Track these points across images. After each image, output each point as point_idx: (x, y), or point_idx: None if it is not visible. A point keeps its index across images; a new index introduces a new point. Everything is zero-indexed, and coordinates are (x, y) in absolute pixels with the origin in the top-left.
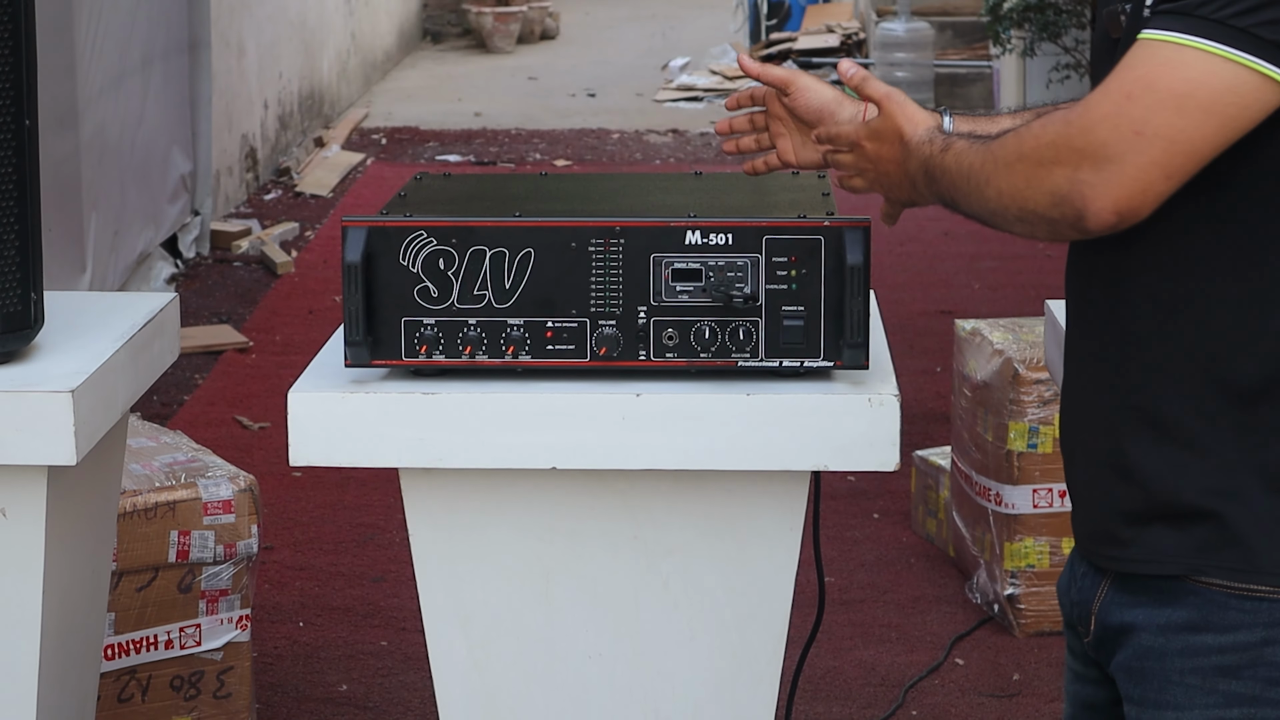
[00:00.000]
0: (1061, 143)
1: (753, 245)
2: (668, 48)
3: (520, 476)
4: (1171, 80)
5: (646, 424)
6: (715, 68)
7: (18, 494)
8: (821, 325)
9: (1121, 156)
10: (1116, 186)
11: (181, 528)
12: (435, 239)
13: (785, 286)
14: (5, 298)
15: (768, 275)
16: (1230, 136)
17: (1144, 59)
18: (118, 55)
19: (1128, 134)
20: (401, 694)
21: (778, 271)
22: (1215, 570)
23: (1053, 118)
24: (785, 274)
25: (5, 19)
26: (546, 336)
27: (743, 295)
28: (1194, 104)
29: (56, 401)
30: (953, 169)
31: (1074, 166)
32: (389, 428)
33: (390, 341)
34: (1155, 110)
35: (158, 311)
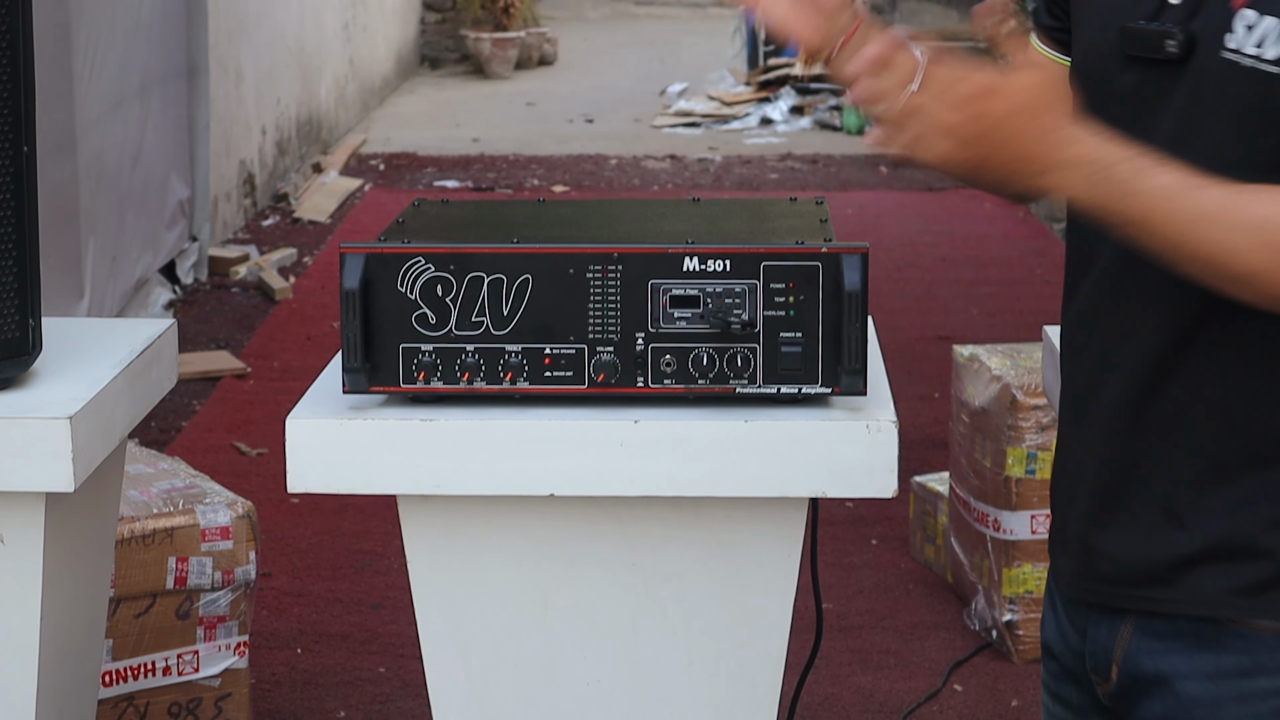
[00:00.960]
0: None
1: (750, 271)
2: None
3: (518, 503)
4: None
5: (644, 451)
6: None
7: (16, 520)
8: (819, 351)
9: None
10: None
11: (179, 554)
12: (433, 265)
13: (783, 313)
14: (3, 323)
15: (765, 301)
16: None
17: None
18: (116, 81)
19: None
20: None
21: (775, 298)
22: (1266, 613)
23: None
24: (783, 300)
25: (3, 45)
26: (544, 363)
27: (740, 321)
28: None
29: (54, 428)
30: (1176, 196)
31: None
32: (387, 454)
33: (388, 368)
34: None
35: (156, 338)
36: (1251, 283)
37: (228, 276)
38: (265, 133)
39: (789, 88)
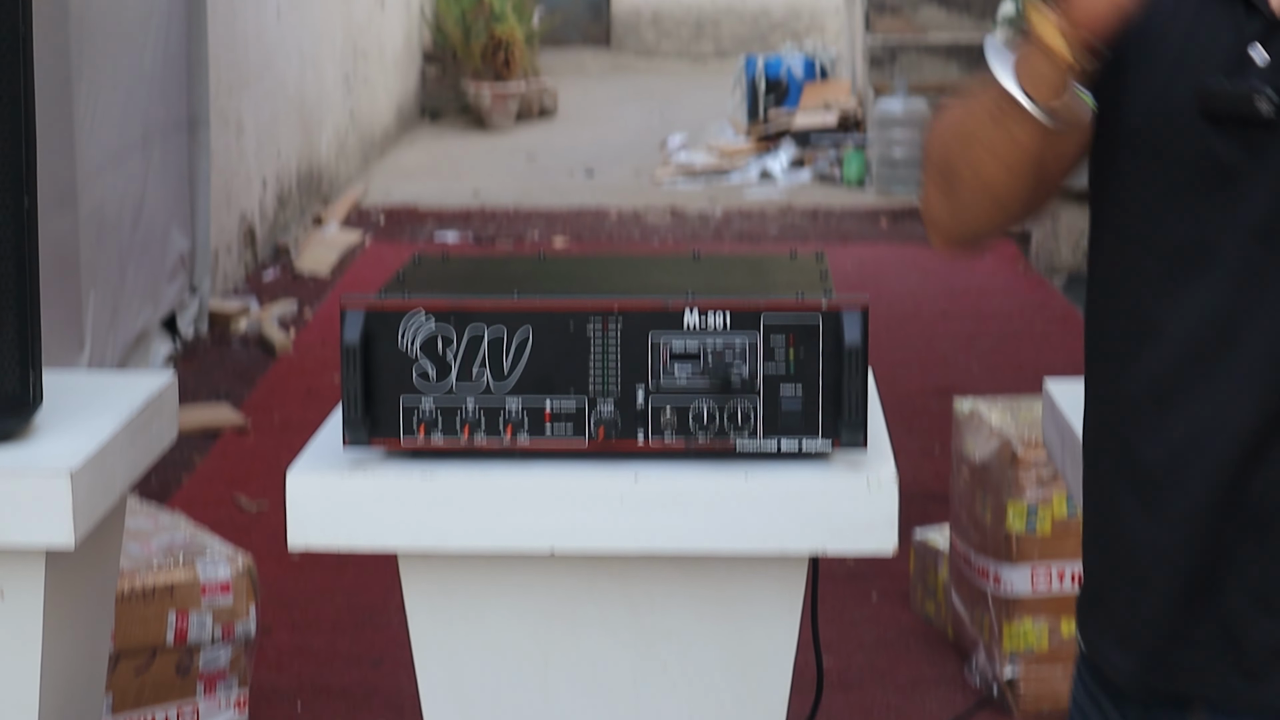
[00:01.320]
0: None
1: (751, 326)
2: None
3: (519, 559)
4: None
5: (645, 507)
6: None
7: (16, 576)
8: (819, 406)
9: None
10: None
11: (180, 609)
12: (434, 320)
13: (783, 367)
14: (4, 376)
15: (766, 356)
16: None
17: None
18: (117, 133)
19: None
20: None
21: (776, 352)
22: None
23: None
24: (783, 355)
25: (5, 98)
26: (545, 418)
27: (741, 376)
28: None
29: (55, 483)
30: None
31: None
32: (387, 510)
33: (389, 422)
34: None
35: (157, 392)
36: None
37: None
38: (266, 185)
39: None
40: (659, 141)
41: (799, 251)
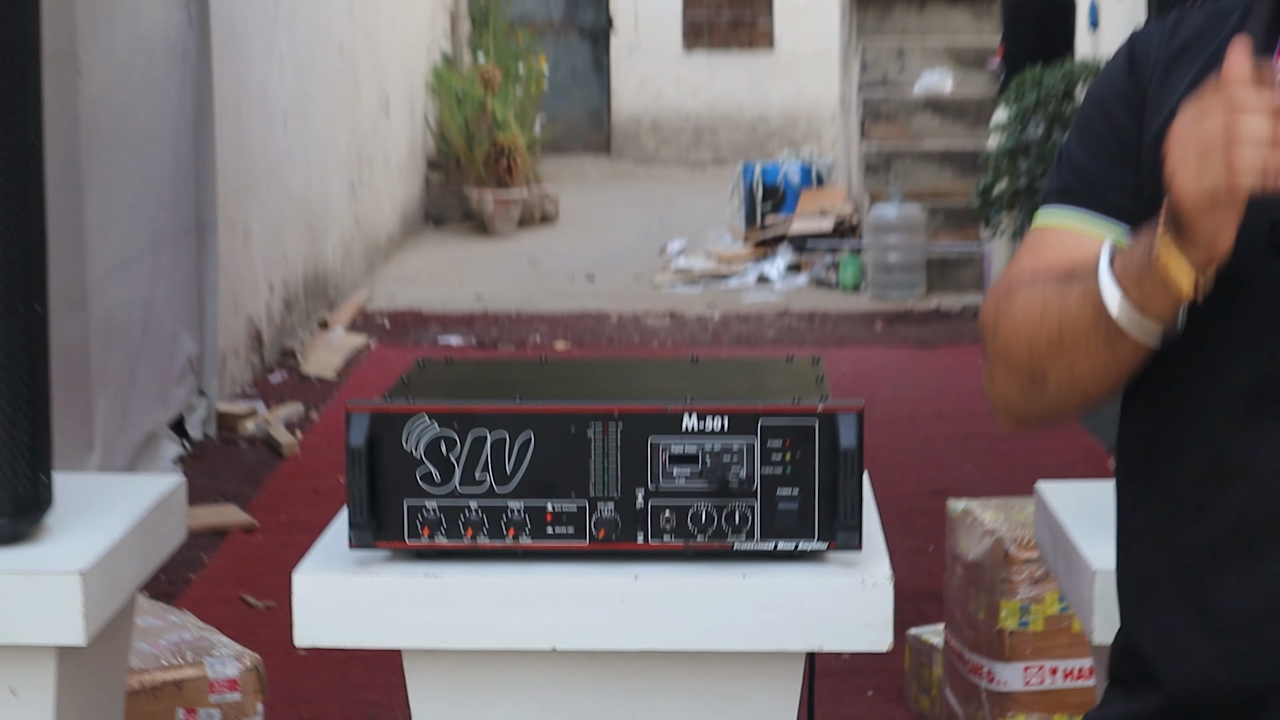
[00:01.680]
0: None
1: (748, 429)
2: (665, 231)
3: (521, 657)
4: None
5: (644, 606)
6: (712, 250)
7: (27, 674)
8: (815, 508)
9: None
10: None
11: (188, 705)
12: (437, 424)
13: (780, 470)
14: (16, 479)
15: (763, 459)
16: None
17: None
18: (126, 238)
19: None
20: None
21: (773, 455)
22: None
23: None
24: (780, 457)
25: (15, 205)
26: (546, 519)
27: (738, 479)
28: None
29: (66, 583)
30: None
31: None
32: (392, 609)
33: (393, 523)
34: None
35: (166, 494)
36: None
37: (236, 431)
38: (273, 289)
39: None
40: (658, 247)
41: (795, 355)
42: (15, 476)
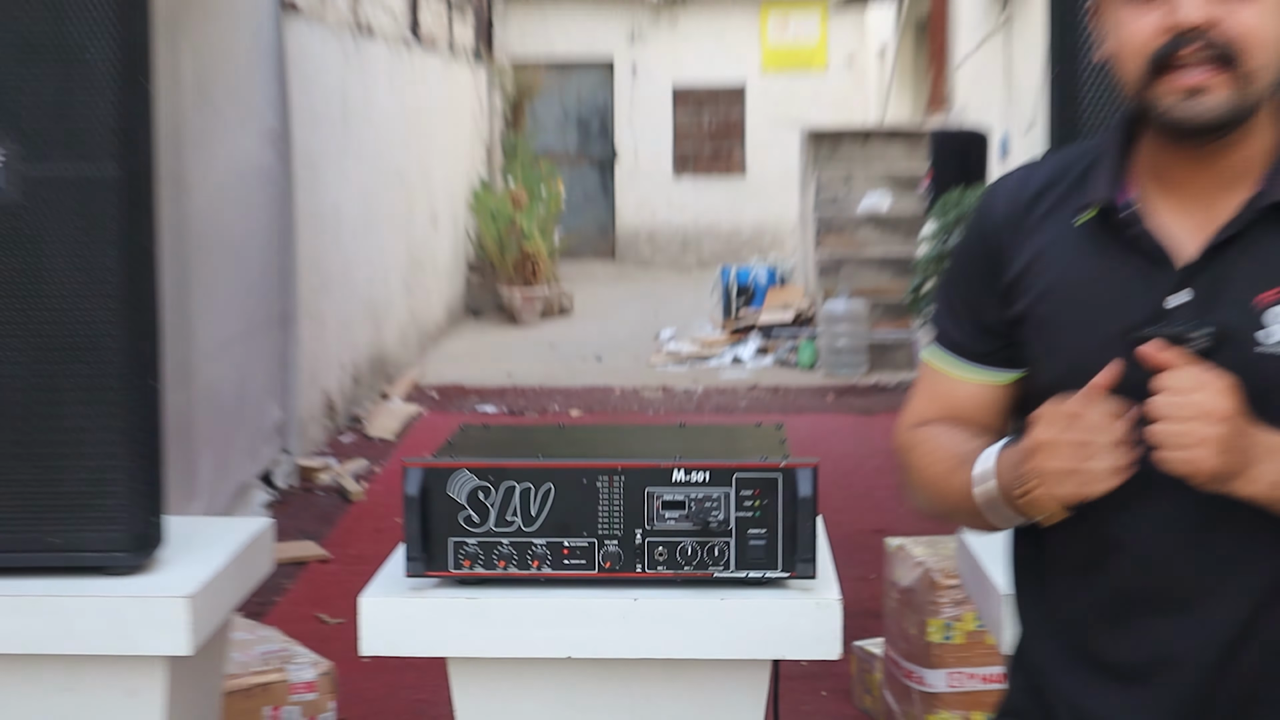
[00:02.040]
0: None
1: (725, 481)
2: (658, 321)
3: (543, 664)
4: None
5: (642, 623)
6: (696, 337)
7: (144, 678)
8: (779, 544)
9: None
10: None
11: (274, 704)
12: (476, 477)
13: (751, 514)
14: (135, 522)
15: (737, 505)
16: None
17: None
18: (224, 326)
19: None
20: None
21: (745, 502)
22: None
23: None
24: (750, 504)
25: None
26: (563, 553)
27: (717, 521)
28: None
29: (176, 605)
30: None
31: None
32: (439, 626)
33: (440, 556)
34: None
35: (256, 533)
36: None
37: (313, 482)
38: (343, 367)
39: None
40: (653, 334)
41: (763, 422)
42: (134, 520)
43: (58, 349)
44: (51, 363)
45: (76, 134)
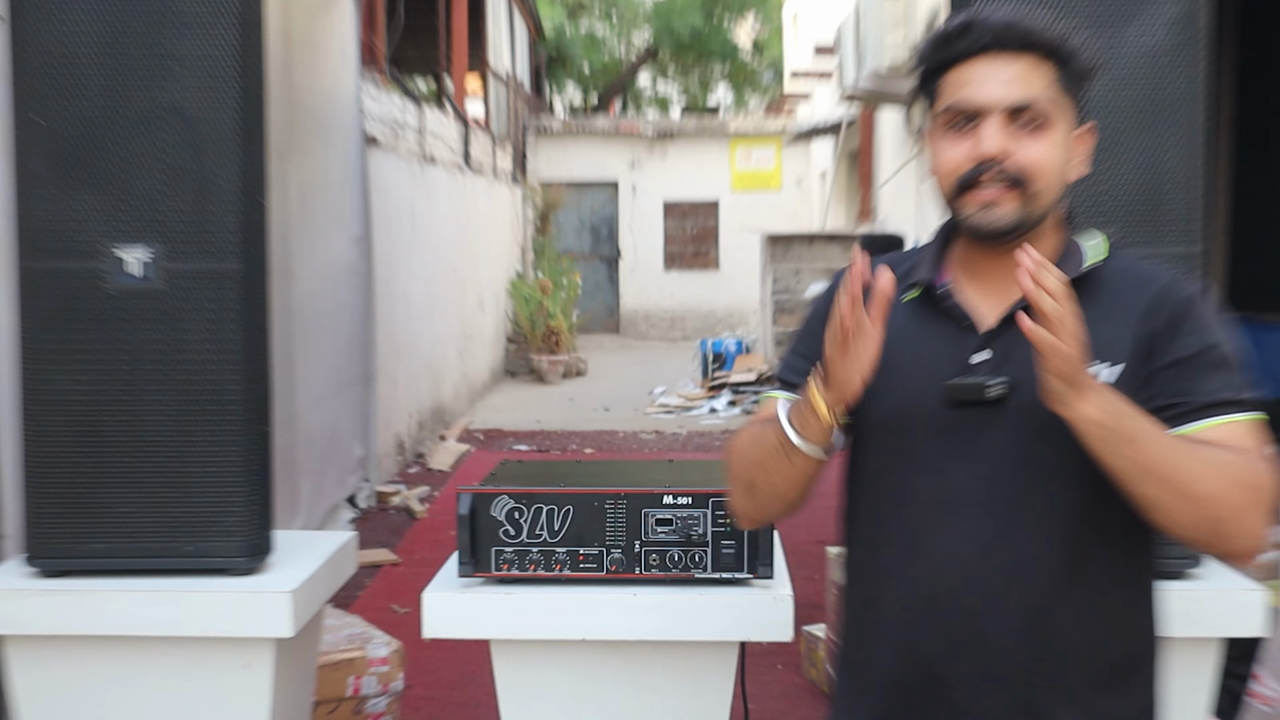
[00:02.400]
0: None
1: (704, 504)
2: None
3: (562, 644)
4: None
5: (639, 612)
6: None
7: (256, 654)
8: (745, 552)
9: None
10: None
11: (355, 675)
12: (512, 500)
13: (723, 528)
14: (252, 534)
15: (713, 522)
16: None
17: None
18: (319, 384)
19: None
20: None
21: (718, 520)
22: None
23: (1258, 468)
24: (723, 521)
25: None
26: (579, 559)
27: (697, 533)
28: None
29: (281, 598)
30: (1150, 443)
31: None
32: (484, 614)
33: (485, 561)
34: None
35: (343, 543)
36: (1207, 503)
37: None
38: (411, 416)
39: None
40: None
41: None
42: (250, 533)
43: (193, 401)
44: (188, 412)
45: (208, 238)
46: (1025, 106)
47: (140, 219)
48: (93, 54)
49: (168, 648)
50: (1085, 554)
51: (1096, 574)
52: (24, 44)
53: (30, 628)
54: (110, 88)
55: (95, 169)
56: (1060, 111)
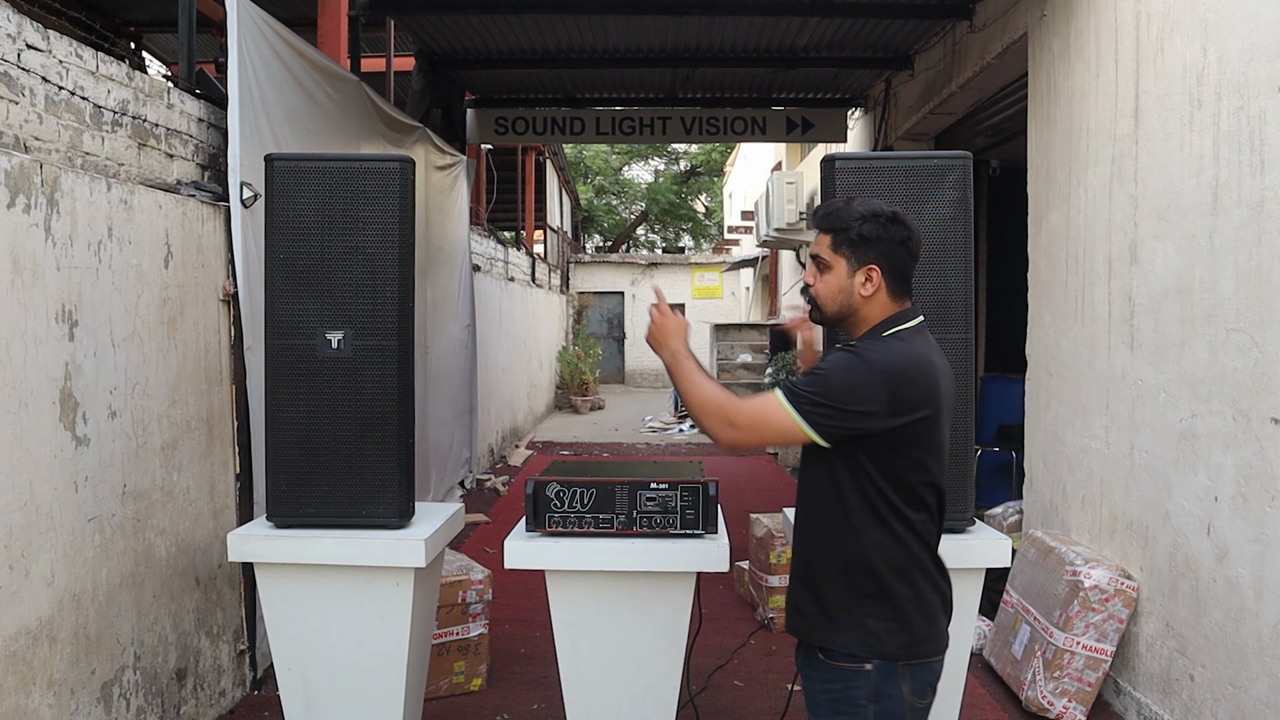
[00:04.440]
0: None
1: (675, 488)
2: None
3: (589, 574)
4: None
5: (635, 554)
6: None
7: (403, 577)
8: (700, 518)
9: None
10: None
11: (463, 590)
12: (560, 485)
13: (689, 503)
14: (401, 505)
15: (681, 499)
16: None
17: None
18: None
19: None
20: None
21: (684, 497)
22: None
23: (729, 399)
24: (690, 499)
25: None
26: (600, 521)
27: (671, 507)
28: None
29: (418, 543)
30: (678, 363)
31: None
32: (543, 553)
33: (543, 522)
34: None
35: (456, 509)
36: (691, 406)
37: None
38: (498, 433)
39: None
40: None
41: (693, 460)
42: (401, 503)
43: (367, 424)
44: (364, 430)
45: (378, 325)
46: (817, 256)
47: (338, 314)
48: (314, 216)
49: (350, 573)
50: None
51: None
52: (273, 209)
53: (270, 558)
54: (323, 236)
55: (313, 284)
56: (835, 261)
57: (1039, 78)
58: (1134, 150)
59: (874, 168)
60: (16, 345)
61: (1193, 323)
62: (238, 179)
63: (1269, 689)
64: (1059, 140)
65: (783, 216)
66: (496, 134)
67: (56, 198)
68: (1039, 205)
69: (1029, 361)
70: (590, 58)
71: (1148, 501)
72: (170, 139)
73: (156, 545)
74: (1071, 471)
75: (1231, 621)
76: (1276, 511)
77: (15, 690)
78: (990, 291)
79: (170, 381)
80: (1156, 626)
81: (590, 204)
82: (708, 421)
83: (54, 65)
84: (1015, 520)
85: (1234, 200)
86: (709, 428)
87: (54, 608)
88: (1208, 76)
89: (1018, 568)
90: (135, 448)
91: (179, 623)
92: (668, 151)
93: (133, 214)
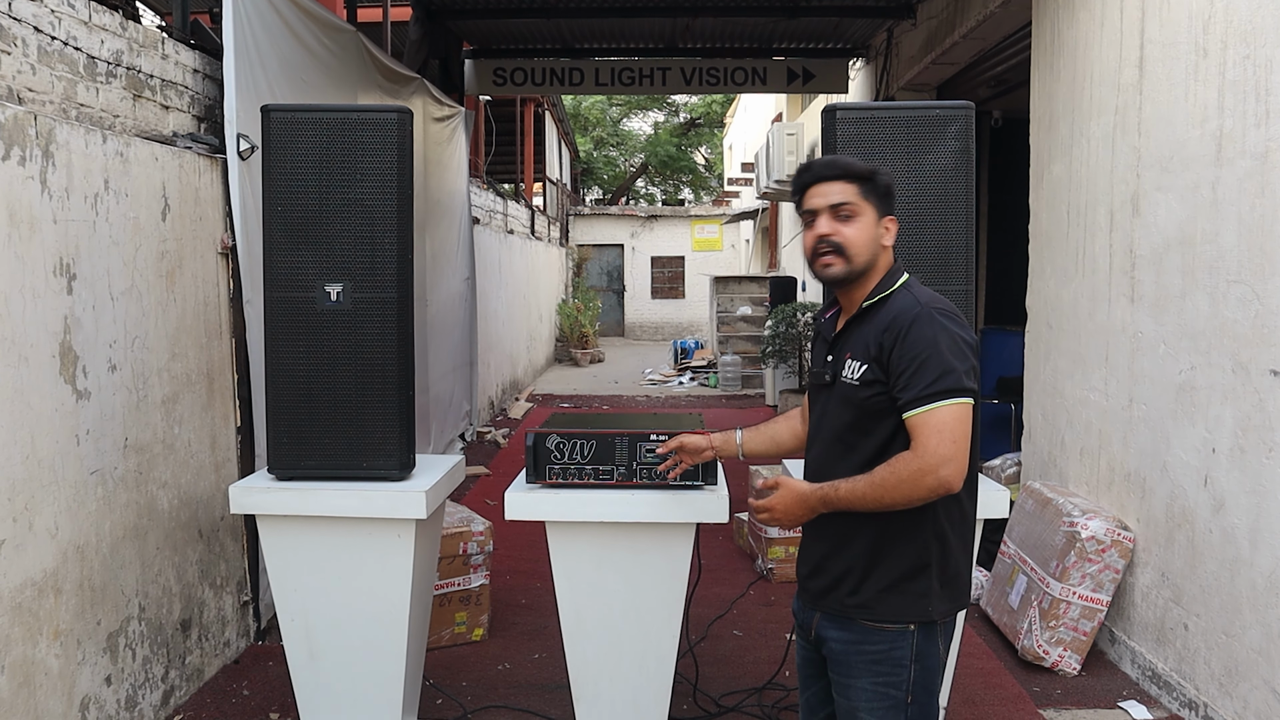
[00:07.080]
0: (920, 469)
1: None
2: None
3: (590, 525)
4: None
5: (635, 505)
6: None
7: (404, 529)
8: (700, 470)
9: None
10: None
11: (464, 541)
12: (559, 437)
13: None
14: (402, 456)
15: None
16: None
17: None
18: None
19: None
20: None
21: None
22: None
23: (903, 461)
24: None
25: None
26: (599, 473)
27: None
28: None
29: (419, 495)
30: (849, 498)
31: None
32: (543, 505)
33: (543, 474)
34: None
35: (457, 461)
36: (886, 505)
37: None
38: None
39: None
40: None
41: (692, 412)
42: (402, 455)
43: (367, 376)
44: (365, 382)
45: (377, 278)
46: (841, 204)
47: (337, 267)
48: (311, 168)
49: (351, 524)
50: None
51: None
52: (270, 161)
53: (272, 510)
54: (320, 188)
55: (311, 237)
56: (863, 208)
57: (1043, 26)
58: (1138, 100)
59: (875, 118)
60: (15, 299)
61: (1194, 274)
62: (234, 130)
63: (1262, 638)
64: (1062, 90)
65: (783, 168)
66: (495, 85)
67: (52, 150)
68: (1041, 156)
69: (1029, 314)
70: (589, 7)
71: (1145, 453)
72: (165, 90)
73: (159, 498)
74: (1070, 424)
75: (1226, 572)
76: (1274, 463)
77: (22, 641)
78: (991, 244)
79: (170, 335)
80: (1152, 577)
81: (589, 156)
82: (916, 494)
83: (45, 15)
84: (1014, 472)
85: (1238, 151)
86: (926, 496)
87: (58, 560)
88: (1214, 24)
89: (1015, 519)
90: (136, 401)
91: (183, 574)
92: (667, 103)
93: (129, 166)
